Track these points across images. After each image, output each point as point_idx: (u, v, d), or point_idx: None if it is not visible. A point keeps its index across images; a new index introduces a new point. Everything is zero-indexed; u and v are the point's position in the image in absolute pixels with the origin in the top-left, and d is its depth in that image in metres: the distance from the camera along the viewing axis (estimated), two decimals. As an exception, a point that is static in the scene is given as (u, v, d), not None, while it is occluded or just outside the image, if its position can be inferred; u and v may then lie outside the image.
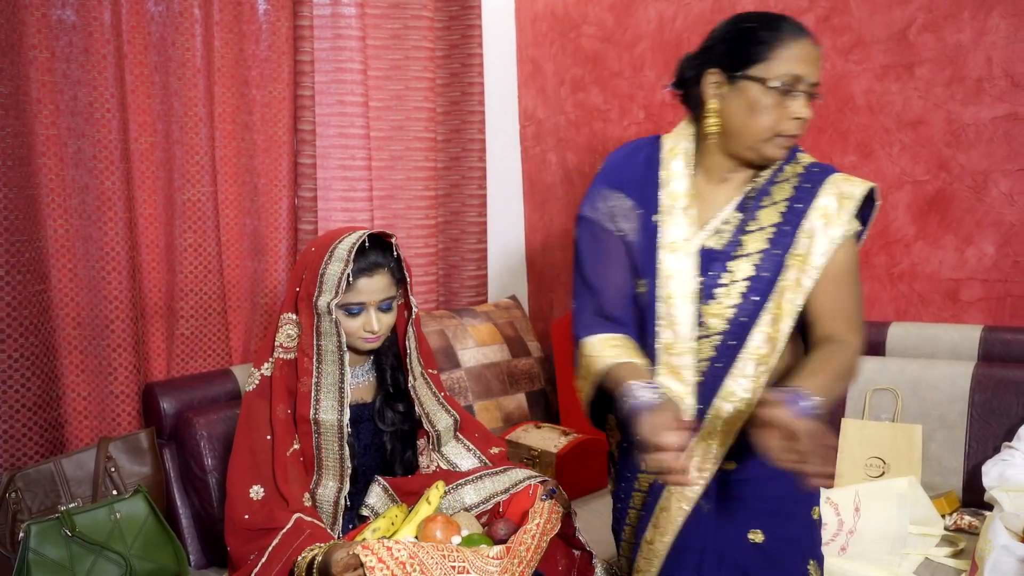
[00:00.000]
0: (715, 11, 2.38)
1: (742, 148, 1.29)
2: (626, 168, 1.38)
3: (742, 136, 1.28)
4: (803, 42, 1.24)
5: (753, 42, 1.24)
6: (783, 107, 1.24)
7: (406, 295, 1.63)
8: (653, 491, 1.34)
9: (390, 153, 2.46)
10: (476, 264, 2.69)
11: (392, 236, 1.59)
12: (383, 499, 1.60)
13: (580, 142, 2.78)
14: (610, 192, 1.35)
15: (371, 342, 1.58)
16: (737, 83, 1.26)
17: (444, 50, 2.57)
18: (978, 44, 1.95)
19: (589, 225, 1.37)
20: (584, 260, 1.38)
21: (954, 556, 1.67)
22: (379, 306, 1.56)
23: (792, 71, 1.23)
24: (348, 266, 1.49)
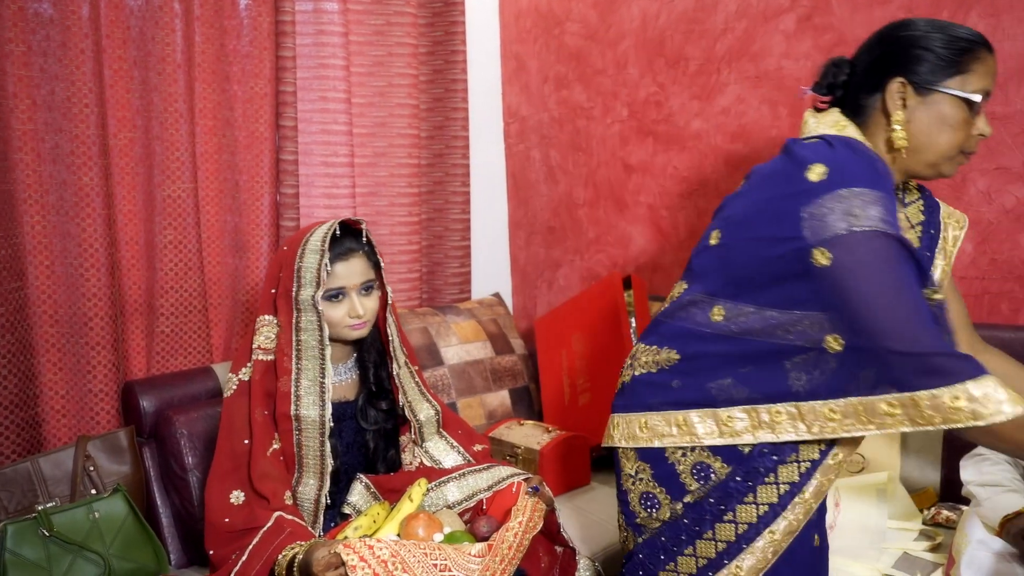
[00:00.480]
0: (698, 9, 2.39)
1: (920, 164, 1.24)
2: (878, 168, 1.18)
3: (926, 151, 1.23)
4: (993, 57, 1.21)
5: (950, 51, 1.19)
6: (971, 124, 1.21)
7: (381, 281, 1.63)
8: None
9: (373, 149, 2.45)
10: (459, 261, 2.69)
11: (362, 222, 1.59)
12: (365, 497, 1.60)
13: (564, 139, 2.79)
14: (880, 192, 1.14)
15: (358, 329, 1.58)
16: (928, 95, 1.20)
17: (427, 46, 2.57)
18: (957, 44, 1.97)
19: (900, 245, 1.13)
20: (910, 288, 1.14)
21: (932, 550, 1.69)
22: (359, 290, 1.57)
23: (987, 86, 1.19)
24: (324, 256, 1.50)
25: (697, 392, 1.27)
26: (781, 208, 1.18)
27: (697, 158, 2.46)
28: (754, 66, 2.31)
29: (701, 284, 1.29)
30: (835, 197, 1.12)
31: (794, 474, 1.23)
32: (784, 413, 1.20)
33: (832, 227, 1.12)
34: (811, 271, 1.14)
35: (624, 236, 2.67)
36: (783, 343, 1.19)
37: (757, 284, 1.21)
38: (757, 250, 1.21)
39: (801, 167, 1.17)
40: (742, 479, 1.24)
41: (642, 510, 1.32)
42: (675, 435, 1.29)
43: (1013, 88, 1.92)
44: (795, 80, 2.22)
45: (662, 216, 2.56)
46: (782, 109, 2.26)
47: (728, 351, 1.24)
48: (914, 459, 1.92)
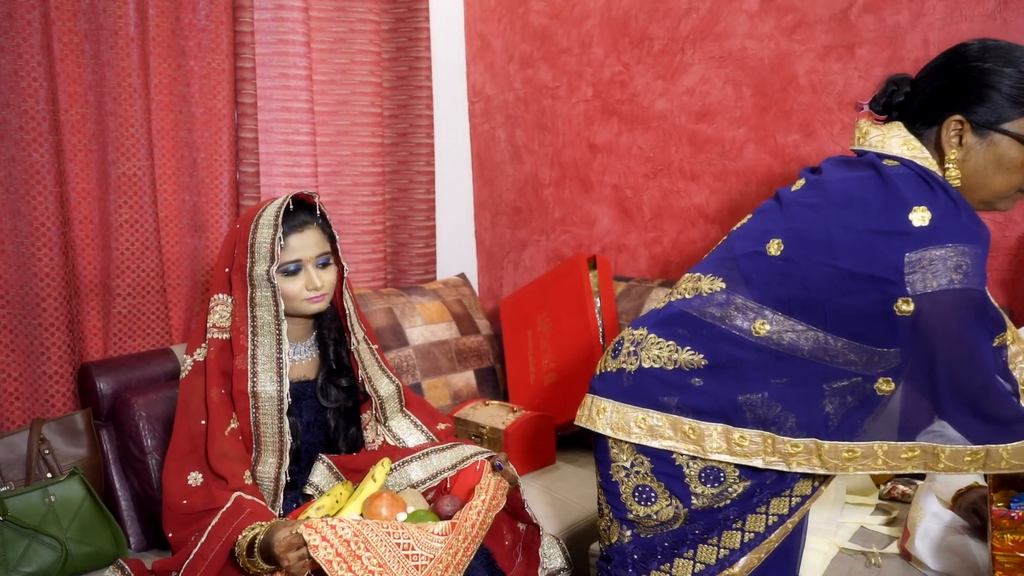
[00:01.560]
0: (663, -12, 2.39)
1: (974, 200, 1.20)
2: (973, 218, 1.16)
3: (979, 190, 1.19)
4: None
5: (1013, 94, 1.15)
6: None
7: (337, 255, 1.62)
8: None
9: (335, 128, 2.41)
10: (424, 242, 2.67)
11: (315, 195, 1.57)
12: (327, 477, 1.59)
13: (529, 119, 2.77)
14: (981, 250, 1.12)
15: (316, 302, 1.56)
16: (987, 135, 1.17)
17: (390, 23, 2.53)
18: (915, 26, 1.99)
19: (984, 299, 1.13)
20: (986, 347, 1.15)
21: (888, 524, 1.72)
22: (316, 263, 1.55)
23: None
24: (278, 230, 1.48)
25: (720, 401, 1.24)
26: (875, 244, 1.14)
27: (662, 138, 2.47)
28: (718, 46, 2.31)
29: (749, 291, 1.23)
30: (941, 250, 1.09)
31: (807, 488, 1.28)
32: (802, 447, 1.21)
33: (932, 281, 1.09)
34: (892, 315, 1.13)
35: (589, 216, 2.67)
36: (830, 367, 1.19)
37: (826, 311, 1.18)
38: (834, 278, 1.17)
39: (904, 206, 1.13)
40: (760, 492, 1.26)
41: (636, 505, 1.29)
42: (677, 441, 1.26)
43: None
44: (758, 60, 2.24)
45: (627, 196, 2.57)
46: (746, 89, 2.27)
47: (767, 363, 1.21)
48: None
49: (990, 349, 1.15)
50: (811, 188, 1.27)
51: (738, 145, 2.31)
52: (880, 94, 1.29)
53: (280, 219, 1.50)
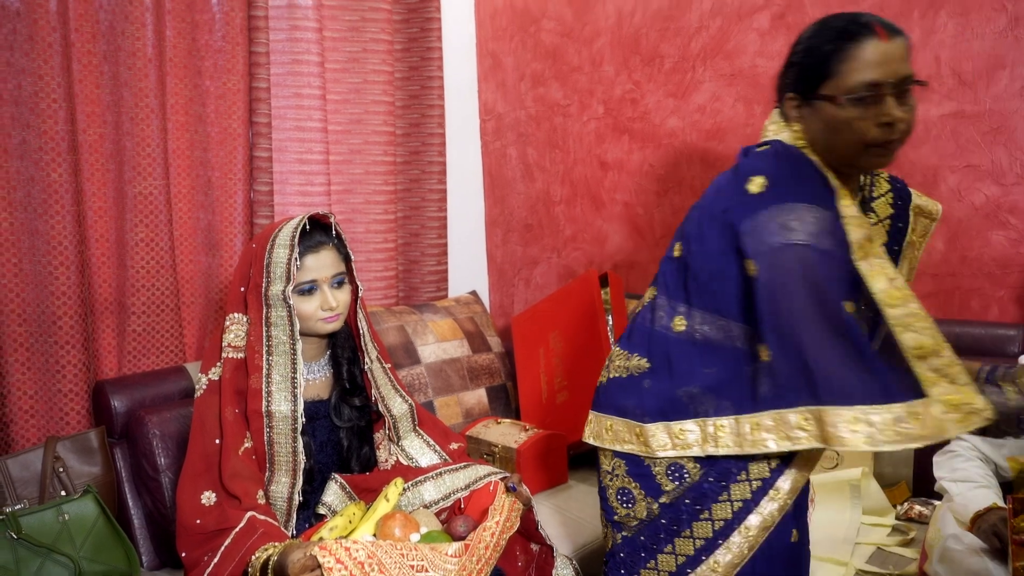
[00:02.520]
0: (672, 7, 2.40)
1: (840, 165, 1.24)
2: (812, 180, 1.22)
3: (833, 153, 1.23)
4: (870, 45, 1.16)
5: (817, 59, 1.19)
6: (866, 118, 1.17)
7: (352, 275, 1.63)
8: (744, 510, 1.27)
9: (348, 147, 2.43)
10: (436, 259, 2.68)
11: (331, 216, 1.58)
12: (340, 497, 1.58)
13: (540, 137, 2.78)
14: (818, 207, 1.16)
15: (330, 322, 1.57)
16: (812, 104, 1.22)
17: (403, 43, 2.55)
18: (927, 43, 2.00)
19: (824, 258, 1.13)
20: (823, 301, 1.13)
21: (904, 545, 1.71)
22: (331, 283, 1.56)
23: (864, 79, 1.15)
24: (294, 250, 1.49)
25: (661, 401, 1.28)
26: (724, 221, 1.22)
27: (673, 156, 2.47)
28: (729, 64, 2.32)
29: (665, 292, 1.33)
30: (771, 211, 1.15)
31: (764, 470, 1.24)
32: (727, 427, 1.22)
33: (767, 240, 1.14)
34: (749, 281, 1.18)
35: (601, 234, 2.67)
36: (741, 350, 1.22)
37: (711, 292, 1.24)
38: (706, 262, 1.25)
39: (743, 179, 1.22)
40: (715, 479, 1.25)
41: (620, 506, 1.33)
42: (634, 444, 1.31)
43: (982, 87, 1.95)
44: (769, 78, 2.23)
45: (638, 214, 2.57)
46: (756, 107, 2.28)
47: (693, 356, 1.27)
48: (887, 455, 1.94)
49: (839, 305, 1.12)
50: (707, 189, 1.37)
51: (750, 163, 2.31)
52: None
53: (296, 239, 1.51)
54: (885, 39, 1.16)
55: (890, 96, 1.16)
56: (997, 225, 1.96)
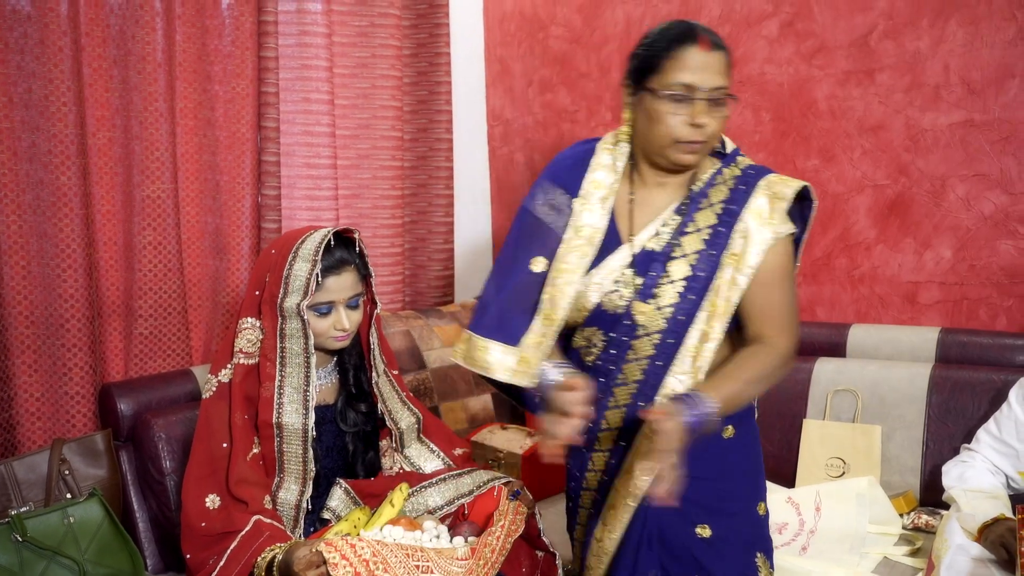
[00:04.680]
0: (682, 13, 2.40)
1: (653, 155, 1.34)
2: (567, 160, 1.42)
3: (648, 143, 1.33)
4: (692, 51, 1.26)
5: (648, 54, 1.30)
6: (678, 115, 1.27)
7: (369, 291, 1.63)
8: (602, 489, 1.39)
9: (356, 151, 2.43)
10: (443, 264, 2.68)
11: (355, 232, 1.58)
12: (345, 502, 1.58)
13: (548, 143, 2.78)
14: (551, 186, 1.39)
15: (341, 340, 1.57)
16: (640, 95, 1.32)
17: (411, 48, 2.55)
18: (936, 51, 1.99)
19: (524, 215, 1.41)
20: (509, 248, 1.42)
21: (911, 555, 1.70)
22: (347, 303, 1.55)
23: (681, 80, 1.26)
24: (316, 266, 1.48)
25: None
26: None
27: (680, 163, 2.46)
28: (737, 71, 2.31)
29: None
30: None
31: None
32: None
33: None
34: None
35: (608, 240, 2.67)
36: None
37: None
38: None
39: None
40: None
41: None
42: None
43: (991, 95, 1.94)
44: (777, 85, 2.24)
45: (645, 220, 2.57)
46: (765, 114, 2.28)
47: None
48: (894, 463, 1.94)
49: (513, 252, 1.41)
50: None
51: (757, 170, 2.30)
52: None
53: (320, 255, 1.50)
54: (706, 49, 1.27)
55: (701, 101, 1.26)
56: (1006, 234, 1.95)
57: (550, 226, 1.37)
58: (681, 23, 1.31)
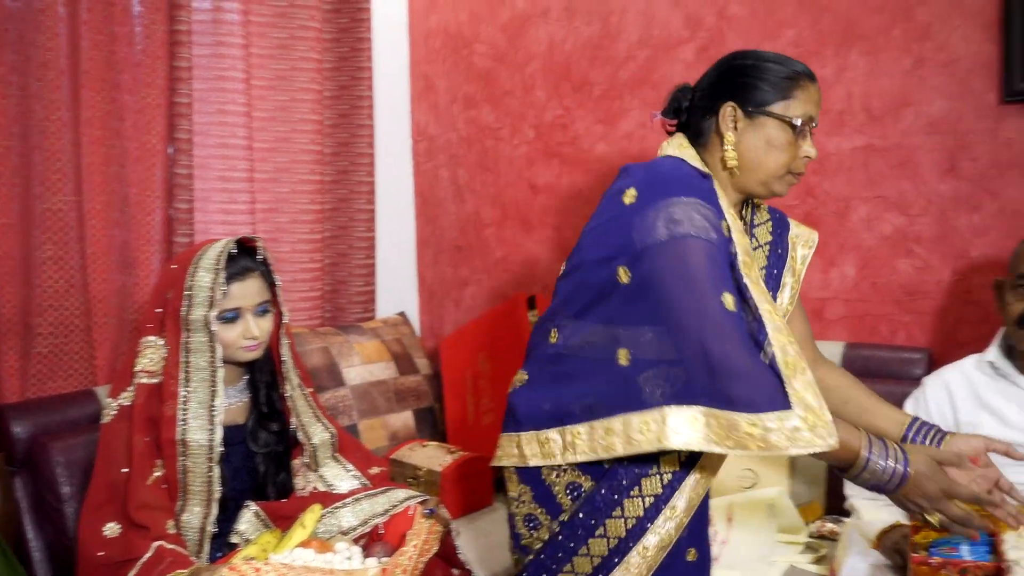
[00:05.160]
0: (602, 36, 2.45)
1: (754, 183, 1.31)
2: (687, 179, 1.24)
3: (757, 171, 1.30)
4: (816, 86, 1.30)
5: (775, 80, 1.28)
6: (797, 146, 1.28)
7: (276, 300, 1.60)
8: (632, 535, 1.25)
9: (274, 165, 2.39)
10: (364, 280, 2.65)
11: (258, 240, 1.55)
12: (255, 525, 1.54)
13: (472, 159, 2.79)
14: (697, 201, 1.19)
15: (252, 350, 1.54)
16: (756, 118, 1.28)
17: (333, 62, 2.53)
18: (840, 79, 2.09)
19: (705, 247, 1.15)
20: (695, 295, 1.14)
21: (816, 562, 1.75)
22: (255, 311, 1.52)
23: (809, 112, 1.28)
24: (220, 275, 1.45)
25: (532, 409, 1.30)
26: (599, 234, 1.26)
27: (601, 181, 2.51)
28: (655, 93, 2.38)
29: (552, 308, 1.35)
30: (651, 210, 1.17)
31: (657, 486, 1.23)
32: (582, 433, 1.22)
33: (651, 238, 1.15)
34: (618, 288, 1.19)
35: (531, 256, 2.69)
36: (611, 358, 1.20)
37: (582, 304, 1.25)
38: (585, 276, 1.26)
39: (619, 194, 1.25)
40: (607, 492, 1.24)
41: (526, 531, 1.32)
42: (515, 455, 1.31)
43: (890, 122, 2.04)
44: (693, 108, 2.30)
45: (567, 237, 2.60)
46: (681, 135, 2.34)
47: (563, 370, 1.27)
48: (802, 474, 2.00)
49: (719, 303, 1.12)
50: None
51: (674, 189, 2.36)
52: (669, 103, 1.41)
53: (222, 263, 1.47)
54: (817, 85, 1.30)
55: (811, 135, 1.29)
56: (904, 253, 2.05)
57: (722, 253, 1.18)
58: (783, 56, 1.30)
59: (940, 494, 1.15)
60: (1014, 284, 1.59)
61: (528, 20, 2.60)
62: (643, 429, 1.13)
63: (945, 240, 1.99)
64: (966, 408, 1.67)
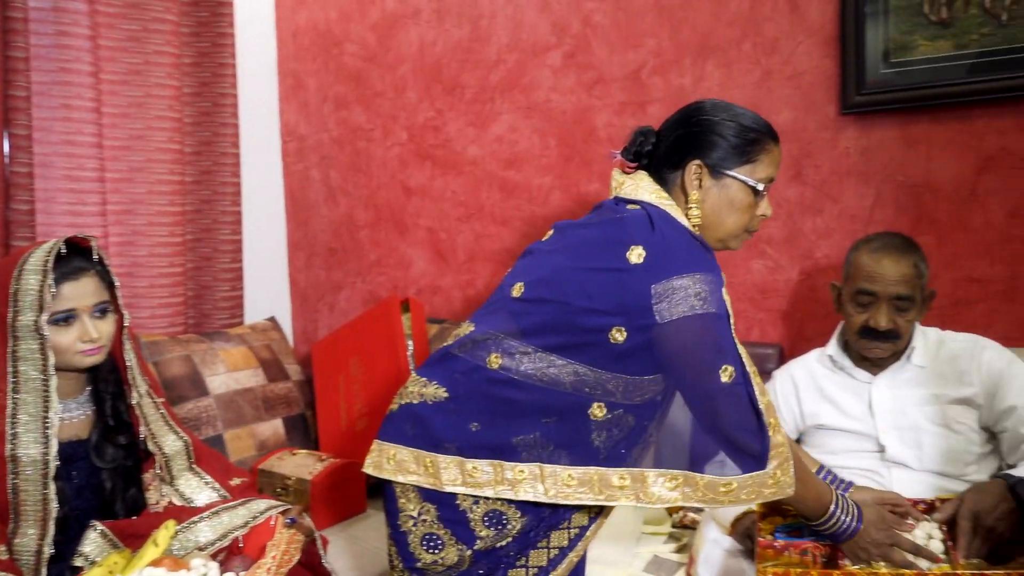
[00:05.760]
0: (473, 39, 2.46)
1: (712, 239, 1.32)
2: (698, 252, 1.25)
3: (717, 229, 1.31)
4: (778, 147, 1.32)
5: (741, 142, 1.28)
6: (756, 206, 1.31)
7: (117, 303, 1.51)
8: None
9: (128, 164, 2.26)
10: (231, 284, 2.55)
11: (92, 240, 1.46)
12: (101, 546, 1.44)
13: (344, 160, 2.74)
14: (713, 277, 1.21)
15: (92, 354, 1.44)
16: (720, 179, 1.29)
17: (192, 57, 2.42)
18: (697, 88, 2.19)
19: (725, 323, 1.21)
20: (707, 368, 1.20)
21: (678, 551, 1.82)
22: (92, 312, 1.43)
23: (771, 174, 1.30)
24: (48, 276, 1.36)
25: (459, 434, 1.27)
26: (596, 281, 1.23)
27: (474, 183, 2.52)
28: (525, 97, 2.41)
29: (496, 330, 1.29)
30: (666, 285, 1.18)
31: (584, 519, 1.31)
32: (527, 473, 1.24)
33: (674, 309, 1.18)
34: (607, 343, 1.21)
35: (405, 258, 2.67)
36: (577, 402, 1.23)
37: (557, 343, 1.24)
38: (569, 316, 1.24)
39: (623, 246, 1.23)
40: (540, 527, 1.28)
41: (425, 552, 1.29)
42: (420, 474, 1.29)
43: (742, 130, 2.16)
44: (562, 112, 2.35)
45: (441, 239, 2.60)
46: (551, 139, 2.38)
47: (507, 399, 1.25)
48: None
49: (727, 375, 1.20)
50: (556, 236, 1.39)
51: (544, 192, 2.41)
52: (630, 144, 1.40)
53: (50, 264, 1.37)
54: (779, 145, 1.33)
55: (767, 195, 1.32)
56: (757, 255, 2.17)
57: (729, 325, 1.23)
58: (757, 116, 1.31)
59: (885, 541, 1.33)
60: (852, 296, 1.67)
61: (398, 21, 2.59)
62: (622, 484, 1.21)
63: (793, 242, 2.12)
64: (810, 399, 1.78)
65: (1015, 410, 1.57)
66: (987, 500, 1.39)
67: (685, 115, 1.35)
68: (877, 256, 1.63)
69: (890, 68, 1.92)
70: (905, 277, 1.60)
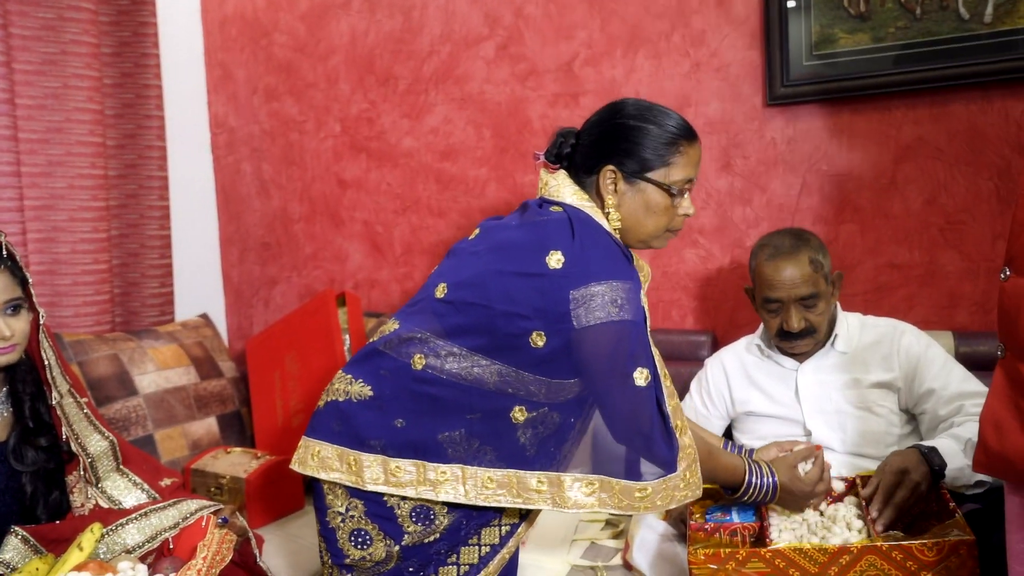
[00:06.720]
0: (405, 30, 2.44)
1: (634, 240, 1.34)
2: (617, 260, 1.25)
3: (637, 231, 1.32)
4: (696, 146, 1.31)
5: (655, 145, 1.28)
6: (677, 207, 1.31)
7: (31, 300, 1.46)
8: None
9: (47, 158, 2.17)
10: (159, 281, 2.48)
11: (0, 234, 1.41)
12: (22, 552, 1.40)
13: (276, 153, 2.69)
14: (631, 285, 1.22)
15: (4, 353, 1.39)
16: (635, 183, 1.29)
17: (112, 47, 2.34)
18: (628, 80, 2.21)
19: (640, 330, 1.22)
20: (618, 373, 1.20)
21: (615, 537, 1.85)
22: (3, 310, 1.38)
23: (688, 175, 1.30)
24: None
25: (384, 433, 1.27)
26: (517, 286, 1.23)
27: (410, 175, 2.50)
28: (459, 89, 2.40)
29: (420, 329, 1.29)
30: (583, 291, 1.19)
31: (515, 515, 1.32)
32: (449, 474, 1.24)
33: (591, 315, 1.18)
34: (528, 347, 1.22)
35: (341, 252, 2.64)
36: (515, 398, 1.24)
37: (480, 344, 1.24)
38: (492, 320, 1.24)
39: (543, 250, 1.23)
40: (470, 523, 1.28)
41: (353, 548, 1.29)
42: (343, 472, 1.29)
43: (673, 121, 2.20)
44: (496, 104, 2.35)
45: (378, 232, 2.57)
46: (486, 131, 2.38)
47: (429, 396, 1.25)
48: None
49: (640, 380, 1.21)
50: (481, 236, 1.38)
51: (481, 183, 2.41)
52: (552, 146, 1.40)
53: None
54: (699, 144, 1.33)
55: (689, 192, 1.33)
56: (690, 244, 2.21)
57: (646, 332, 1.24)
58: (672, 114, 1.30)
59: (803, 497, 1.42)
60: (762, 304, 1.71)
61: (328, 11, 2.55)
62: (539, 488, 1.21)
63: (724, 231, 2.17)
64: (739, 386, 1.82)
65: (933, 393, 1.63)
66: (911, 459, 1.45)
67: (604, 117, 1.36)
68: (773, 263, 1.66)
69: (814, 60, 1.98)
70: (804, 277, 1.63)
